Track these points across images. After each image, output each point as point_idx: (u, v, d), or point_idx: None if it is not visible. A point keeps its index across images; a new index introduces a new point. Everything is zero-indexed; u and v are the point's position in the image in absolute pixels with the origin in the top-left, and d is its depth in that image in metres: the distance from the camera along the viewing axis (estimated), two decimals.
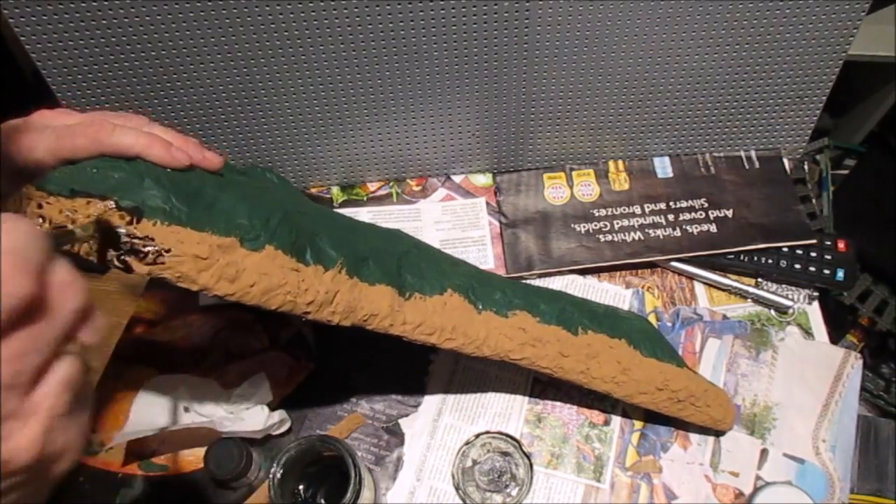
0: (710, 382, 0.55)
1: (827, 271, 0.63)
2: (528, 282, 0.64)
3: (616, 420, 0.58)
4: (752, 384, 0.59)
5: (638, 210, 0.67)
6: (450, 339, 0.47)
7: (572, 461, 0.56)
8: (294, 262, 0.39)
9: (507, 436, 0.57)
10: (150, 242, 0.33)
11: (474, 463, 0.56)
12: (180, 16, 0.54)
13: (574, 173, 0.70)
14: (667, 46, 0.61)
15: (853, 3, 0.58)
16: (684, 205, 0.67)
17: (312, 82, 0.61)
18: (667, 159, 0.71)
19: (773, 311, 0.63)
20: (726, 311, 0.63)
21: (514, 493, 0.54)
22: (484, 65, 0.61)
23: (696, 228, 0.66)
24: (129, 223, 0.33)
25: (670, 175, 0.70)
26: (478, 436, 0.57)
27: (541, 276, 0.65)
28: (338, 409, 0.59)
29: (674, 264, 0.65)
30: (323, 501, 0.51)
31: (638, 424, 0.58)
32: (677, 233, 0.66)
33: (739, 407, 0.58)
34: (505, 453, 0.56)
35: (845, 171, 0.96)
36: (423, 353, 0.60)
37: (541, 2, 0.56)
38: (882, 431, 0.59)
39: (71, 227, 0.32)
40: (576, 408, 0.58)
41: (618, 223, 0.67)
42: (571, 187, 0.70)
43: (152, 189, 0.34)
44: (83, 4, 0.52)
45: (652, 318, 0.63)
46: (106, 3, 0.52)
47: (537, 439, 0.57)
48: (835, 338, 0.63)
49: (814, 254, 0.64)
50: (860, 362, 0.59)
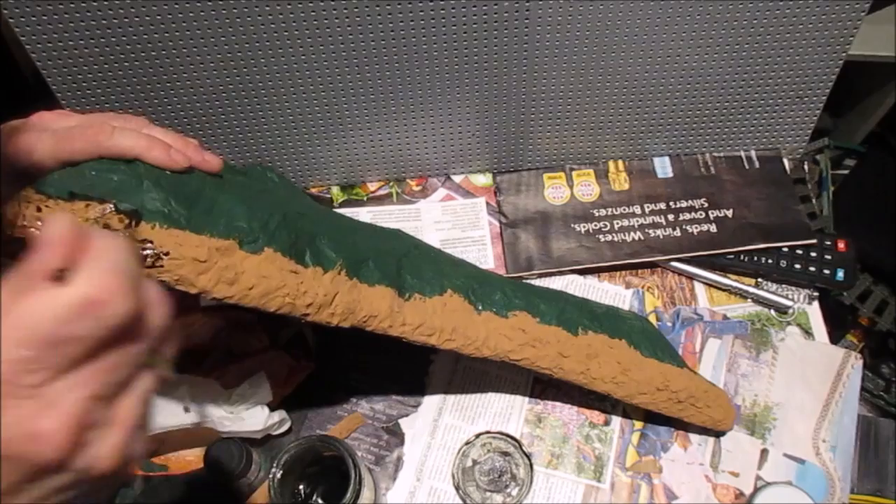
0: (711, 383, 0.55)
1: (827, 271, 0.63)
2: (528, 282, 0.64)
3: (616, 420, 0.58)
4: (753, 384, 0.59)
5: (638, 210, 0.67)
6: (449, 339, 0.47)
7: (572, 461, 0.56)
8: (293, 264, 0.39)
9: (507, 436, 0.57)
10: (148, 245, 0.33)
11: (474, 463, 0.56)
12: (180, 16, 0.54)
13: (574, 173, 0.70)
14: (667, 47, 0.60)
15: (853, 3, 0.58)
16: (684, 205, 0.67)
17: (312, 82, 0.61)
18: (667, 159, 0.71)
19: (773, 311, 0.63)
20: (726, 311, 0.63)
21: (514, 493, 0.54)
22: (484, 65, 0.61)
23: (696, 228, 0.66)
24: (128, 226, 0.33)
25: (670, 175, 0.70)
26: (478, 436, 0.57)
27: (541, 276, 0.65)
28: (338, 409, 0.59)
29: (674, 264, 0.65)
30: (323, 501, 0.51)
31: (638, 424, 0.58)
32: (677, 233, 0.66)
33: (739, 407, 0.58)
34: (505, 453, 0.56)
35: (845, 171, 0.96)
36: (424, 353, 0.60)
37: (541, 2, 0.56)
38: (882, 431, 0.59)
39: None
40: (576, 408, 0.58)
41: (618, 223, 0.67)
42: (571, 187, 0.69)
43: (151, 192, 0.34)
44: (83, 5, 0.52)
45: (652, 319, 0.63)
46: (106, 3, 0.52)
47: (537, 439, 0.57)
48: (835, 338, 0.63)
49: (814, 254, 0.64)
50: (860, 362, 0.59)
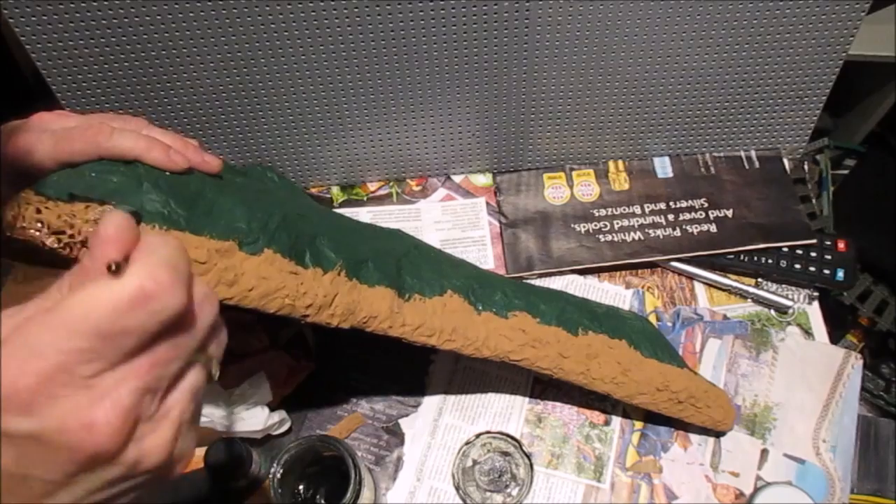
0: (711, 383, 0.55)
1: (827, 271, 0.63)
2: (528, 282, 0.64)
3: (616, 420, 0.58)
4: (753, 384, 0.59)
5: (638, 210, 0.67)
6: (449, 340, 0.47)
7: (572, 461, 0.56)
8: (293, 266, 0.39)
9: (507, 436, 0.57)
10: None
11: (475, 463, 0.56)
12: (180, 16, 0.54)
13: (574, 173, 0.70)
14: (667, 47, 0.60)
15: (853, 3, 0.58)
16: (684, 205, 0.67)
17: (313, 82, 0.61)
18: (667, 159, 0.71)
19: (773, 311, 0.63)
20: (726, 311, 0.63)
21: (514, 493, 0.54)
22: (484, 65, 0.61)
23: (696, 228, 0.66)
24: None
25: (670, 175, 0.70)
26: (478, 436, 0.57)
27: (541, 276, 0.65)
28: (338, 409, 0.59)
29: (674, 264, 0.65)
30: (323, 501, 0.51)
31: (638, 424, 0.58)
32: (677, 233, 0.66)
33: (739, 407, 0.58)
34: (505, 453, 0.56)
35: (845, 171, 0.96)
36: (424, 353, 0.60)
37: (541, 2, 0.56)
38: (882, 431, 0.59)
39: (70, 231, 0.32)
40: (576, 408, 0.58)
41: (618, 223, 0.67)
42: (571, 187, 0.69)
43: (150, 193, 0.34)
44: (83, 4, 0.52)
45: (652, 319, 0.63)
46: (106, 3, 0.52)
47: (538, 439, 0.57)
48: (835, 338, 0.64)
49: (814, 254, 0.64)
50: (860, 362, 0.59)
